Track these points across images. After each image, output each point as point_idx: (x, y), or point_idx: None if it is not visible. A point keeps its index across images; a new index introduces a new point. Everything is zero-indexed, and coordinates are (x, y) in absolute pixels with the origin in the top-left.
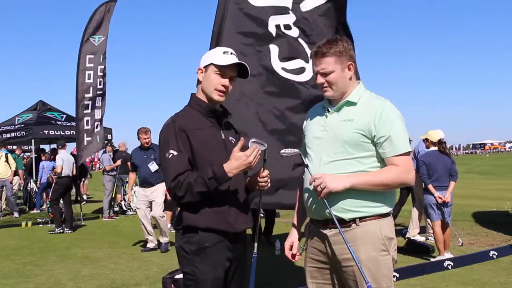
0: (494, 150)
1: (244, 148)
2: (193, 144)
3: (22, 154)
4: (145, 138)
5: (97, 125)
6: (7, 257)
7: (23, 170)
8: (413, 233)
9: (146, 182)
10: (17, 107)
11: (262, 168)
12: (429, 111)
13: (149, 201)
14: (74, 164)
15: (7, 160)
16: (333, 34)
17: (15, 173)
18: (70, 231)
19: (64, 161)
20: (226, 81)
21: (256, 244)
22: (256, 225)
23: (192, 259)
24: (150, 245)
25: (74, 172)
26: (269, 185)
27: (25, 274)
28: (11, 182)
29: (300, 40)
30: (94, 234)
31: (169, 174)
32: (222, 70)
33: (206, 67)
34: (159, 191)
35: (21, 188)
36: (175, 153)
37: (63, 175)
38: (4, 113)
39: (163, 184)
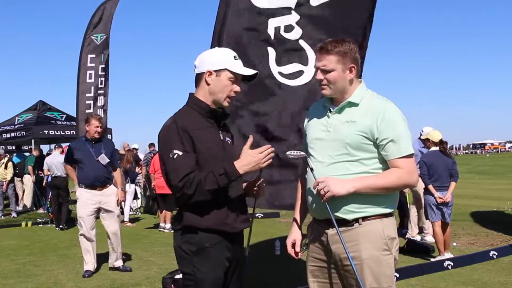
0: (494, 150)
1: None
2: (196, 144)
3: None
4: (97, 126)
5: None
6: (7, 257)
7: (32, 166)
8: (413, 233)
9: (97, 181)
10: (17, 107)
11: (258, 176)
12: (429, 111)
13: (98, 208)
14: None
15: (6, 167)
16: (347, 29)
17: (15, 176)
18: (57, 228)
19: (49, 164)
20: (238, 88)
21: (247, 249)
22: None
23: (192, 259)
24: (90, 267)
25: None
26: (264, 192)
27: (25, 274)
28: (5, 191)
29: (301, 42)
30: None
31: (177, 174)
32: (237, 77)
33: (218, 71)
34: (113, 197)
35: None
36: (180, 153)
37: (52, 175)
38: (4, 113)
39: (114, 188)
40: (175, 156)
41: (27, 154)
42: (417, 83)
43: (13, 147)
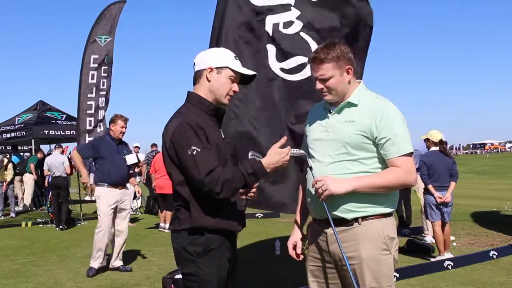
0: (494, 150)
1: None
2: (210, 141)
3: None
4: (123, 127)
5: (100, 125)
6: (7, 257)
7: (34, 165)
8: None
9: (121, 180)
10: (17, 107)
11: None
12: (429, 111)
13: (116, 207)
14: (66, 163)
15: (6, 169)
16: (341, 24)
17: (15, 175)
18: (57, 228)
19: (49, 164)
20: (237, 87)
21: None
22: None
23: (196, 260)
24: (96, 265)
25: (68, 171)
26: (256, 195)
27: (25, 274)
28: (6, 192)
29: (302, 34)
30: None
31: (200, 169)
32: (236, 76)
33: (219, 68)
34: (130, 196)
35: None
36: (199, 149)
37: (53, 176)
38: (4, 113)
39: (130, 187)
40: (194, 152)
41: (27, 154)
42: (417, 83)
43: (10, 147)
